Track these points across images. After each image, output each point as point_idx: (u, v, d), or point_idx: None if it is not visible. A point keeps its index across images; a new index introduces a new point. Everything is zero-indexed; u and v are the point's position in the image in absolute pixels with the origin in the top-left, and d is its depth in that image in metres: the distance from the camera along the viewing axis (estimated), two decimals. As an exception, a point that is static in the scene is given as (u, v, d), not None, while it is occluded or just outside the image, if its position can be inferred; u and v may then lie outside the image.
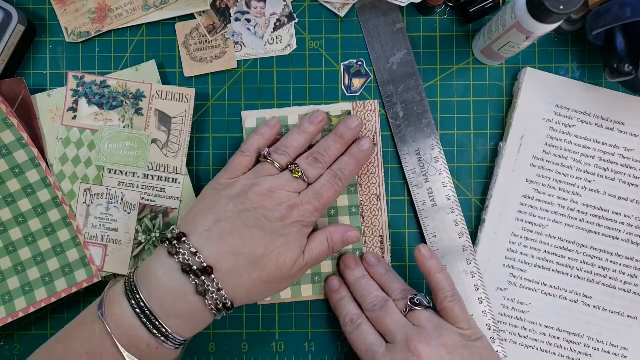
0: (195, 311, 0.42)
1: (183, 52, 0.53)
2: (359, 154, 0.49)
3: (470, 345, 0.45)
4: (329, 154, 0.48)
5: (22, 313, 0.51)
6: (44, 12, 0.53)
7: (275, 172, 0.47)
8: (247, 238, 0.43)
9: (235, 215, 0.44)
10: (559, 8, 0.40)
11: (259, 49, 0.53)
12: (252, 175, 0.47)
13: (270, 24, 0.53)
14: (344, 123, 0.50)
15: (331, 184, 0.47)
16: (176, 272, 0.42)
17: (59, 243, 0.52)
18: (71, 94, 0.52)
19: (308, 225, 0.46)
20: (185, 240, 0.43)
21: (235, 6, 0.53)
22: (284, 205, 0.45)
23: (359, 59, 0.53)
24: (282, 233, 0.44)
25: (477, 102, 0.53)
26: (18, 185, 0.51)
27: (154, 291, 0.42)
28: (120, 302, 0.42)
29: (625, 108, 0.52)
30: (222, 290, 0.42)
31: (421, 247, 0.48)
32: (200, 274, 0.42)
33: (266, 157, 0.48)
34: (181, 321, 0.42)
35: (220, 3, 0.53)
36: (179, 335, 0.42)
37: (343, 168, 0.48)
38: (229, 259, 0.43)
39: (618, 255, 0.52)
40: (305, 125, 0.50)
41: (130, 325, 0.41)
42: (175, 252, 0.42)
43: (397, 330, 0.45)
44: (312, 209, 0.46)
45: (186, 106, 0.52)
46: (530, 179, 0.52)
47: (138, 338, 0.41)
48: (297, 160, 0.48)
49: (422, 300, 0.47)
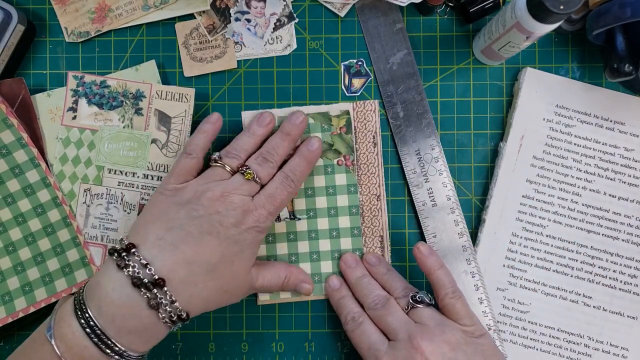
0: (149, 325, 0.40)
1: (183, 52, 0.53)
2: (308, 154, 0.49)
3: (474, 342, 0.45)
4: (277, 152, 0.48)
5: (22, 313, 0.51)
6: (43, 12, 0.53)
7: (227, 176, 0.46)
8: (202, 245, 0.42)
9: (188, 222, 0.43)
10: (559, 8, 0.40)
11: (258, 49, 0.53)
12: (202, 181, 0.46)
13: (270, 24, 0.53)
14: (289, 120, 0.50)
15: (283, 185, 0.47)
16: (126, 287, 0.40)
17: (58, 243, 0.52)
18: (71, 94, 0.52)
19: (262, 231, 0.46)
20: (135, 252, 0.41)
21: (235, 6, 0.52)
22: (238, 210, 0.44)
23: (359, 59, 0.53)
24: (237, 240, 0.44)
25: (477, 102, 0.53)
26: (18, 185, 0.51)
27: (103, 308, 0.40)
28: (69, 322, 0.40)
29: (625, 108, 0.52)
30: (175, 302, 0.40)
31: (420, 245, 0.48)
32: (152, 287, 0.40)
33: (216, 160, 0.47)
34: (134, 337, 0.40)
35: (220, 3, 0.53)
36: (133, 351, 0.40)
37: (294, 169, 0.48)
38: (184, 269, 0.41)
39: (618, 255, 0.52)
40: (254, 127, 0.49)
41: (80, 345, 0.39)
42: (124, 265, 0.40)
43: (400, 328, 0.45)
44: (266, 213, 0.45)
45: (186, 106, 0.52)
46: (531, 179, 0.52)
47: (90, 358, 0.39)
48: (246, 162, 0.47)
49: (424, 297, 0.47)
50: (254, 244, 0.45)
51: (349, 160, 0.53)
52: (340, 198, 0.52)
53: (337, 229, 0.53)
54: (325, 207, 0.53)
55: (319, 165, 0.52)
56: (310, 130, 0.52)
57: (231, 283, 0.44)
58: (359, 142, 0.53)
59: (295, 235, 0.53)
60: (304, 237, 0.53)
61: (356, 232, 0.53)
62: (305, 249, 0.53)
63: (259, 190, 0.46)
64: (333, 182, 0.53)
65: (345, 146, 0.52)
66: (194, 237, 0.42)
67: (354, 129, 0.53)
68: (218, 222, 0.43)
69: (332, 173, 0.53)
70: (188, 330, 0.53)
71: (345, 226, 0.53)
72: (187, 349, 0.53)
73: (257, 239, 0.45)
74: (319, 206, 0.53)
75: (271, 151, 0.48)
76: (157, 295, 0.40)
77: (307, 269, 0.52)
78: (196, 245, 0.42)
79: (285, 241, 0.53)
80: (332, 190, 0.53)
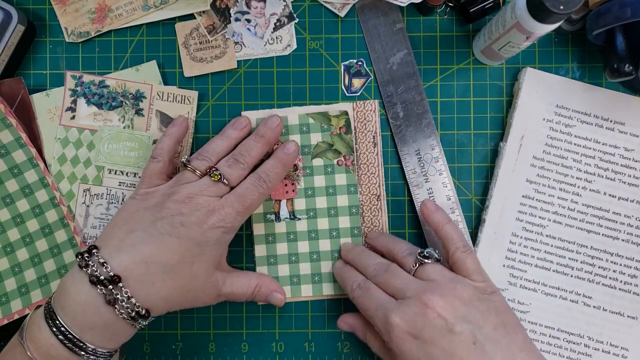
0: (109, 321, 0.41)
1: (183, 52, 0.53)
2: (284, 157, 0.48)
3: (486, 299, 0.43)
4: (250, 154, 0.47)
5: (18, 315, 0.51)
6: (44, 12, 0.53)
7: (195, 179, 0.46)
8: (161, 246, 0.43)
9: (150, 224, 0.43)
10: (559, 8, 0.40)
11: (259, 49, 0.53)
12: (171, 184, 0.46)
13: (270, 24, 0.53)
14: (264, 123, 0.49)
15: (255, 186, 0.46)
16: (85, 284, 0.41)
17: (56, 244, 0.52)
18: (69, 94, 0.52)
19: (229, 231, 0.45)
20: (95, 252, 0.42)
21: (235, 6, 0.52)
22: (202, 210, 0.44)
23: (359, 59, 0.53)
24: (199, 241, 0.44)
25: (477, 102, 0.53)
26: (16, 185, 0.51)
27: (66, 306, 0.41)
28: (39, 324, 0.41)
29: (625, 108, 0.52)
30: (132, 299, 0.41)
31: (426, 202, 0.48)
32: (108, 284, 0.41)
33: (185, 164, 0.46)
34: (96, 332, 0.41)
35: (220, 3, 0.53)
36: (99, 347, 0.41)
37: (268, 171, 0.47)
38: (140, 268, 0.42)
39: (618, 255, 0.52)
40: (228, 130, 0.49)
41: (48, 344, 0.40)
42: (85, 264, 0.41)
43: (407, 287, 0.43)
44: (234, 212, 0.45)
45: (188, 108, 0.52)
46: (531, 179, 0.52)
47: (58, 356, 0.40)
48: (218, 164, 0.47)
49: (432, 252, 0.45)
50: (218, 244, 0.45)
51: (349, 160, 0.53)
52: (340, 198, 0.52)
53: (337, 229, 0.53)
54: (325, 207, 0.53)
55: (319, 165, 0.52)
56: (310, 130, 0.52)
57: (192, 284, 0.44)
58: (359, 142, 0.53)
59: (295, 235, 0.53)
60: (304, 237, 0.53)
61: (356, 232, 0.52)
62: (305, 249, 0.53)
63: (228, 192, 0.46)
64: (333, 182, 0.53)
65: (345, 146, 0.52)
66: (154, 237, 0.43)
67: (354, 129, 0.53)
68: (180, 223, 0.43)
69: (332, 173, 0.53)
70: (188, 330, 0.53)
71: (345, 226, 0.53)
72: (187, 349, 0.53)
73: (222, 239, 0.45)
74: (319, 206, 0.53)
75: (243, 153, 0.47)
76: (112, 291, 0.41)
77: (307, 269, 0.52)
78: (155, 245, 0.43)
79: (285, 241, 0.53)
80: (332, 190, 0.53)
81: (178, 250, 0.43)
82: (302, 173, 0.53)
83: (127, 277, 0.42)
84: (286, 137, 0.52)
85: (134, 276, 0.42)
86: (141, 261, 0.42)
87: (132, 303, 0.41)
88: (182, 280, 0.43)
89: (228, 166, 0.46)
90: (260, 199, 0.47)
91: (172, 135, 0.49)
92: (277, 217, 0.53)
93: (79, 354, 0.41)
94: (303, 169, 0.53)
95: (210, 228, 0.44)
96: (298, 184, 0.53)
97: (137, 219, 0.44)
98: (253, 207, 0.46)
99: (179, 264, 0.43)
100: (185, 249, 0.43)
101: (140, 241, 0.43)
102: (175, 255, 0.43)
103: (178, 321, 0.53)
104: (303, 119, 0.52)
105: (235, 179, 0.46)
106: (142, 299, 0.42)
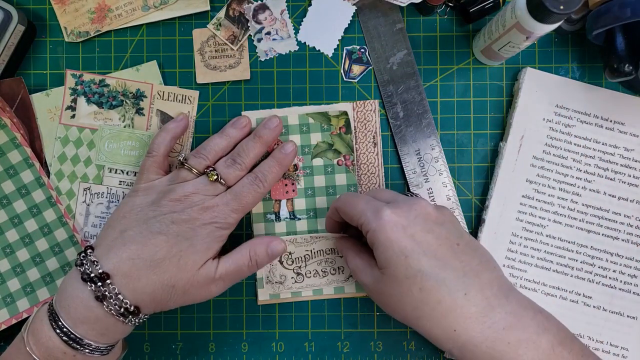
0: (99, 317, 0.42)
1: (197, 59, 0.53)
2: (281, 158, 0.49)
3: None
4: (248, 155, 0.48)
5: (26, 314, 0.51)
6: (43, 12, 0.53)
7: (192, 178, 0.46)
8: (149, 243, 0.44)
9: (142, 223, 0.44)
10: (559, 8, 0.40)
11: (294, 45, 0.53)
12: (167, 182, 0.46)
13: (287, 20, 0.53)
14: (263, 124, 0.50)
15: (252, 186, 0.46)
16: (77, 281, 0.43)
17: (56, 242, 0.52)
18: (69, 93, 0.52)
19: (223, 227, 0.45)
20: (90, 252, 0.44)
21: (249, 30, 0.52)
22: (196, 207, 0.44)
23: (361, 45, 0.53)
24: (189, 236, 0.44)
25: (477, 102, 0.53)
26: (13, 186, 0.51)
27: (62, 301, 0.43)
28: (41, 318, 0.43)
29: (625, 108, 0.52)
30: (120, 295, 0.42)
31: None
32: (97, 281, 0.42)
33: (182, 162, 0.47)
34: (88, 327, 0.42)
35: (233, 12, 0.52)
36: (92, 341, 0.43)
37: (265, 171, 0.48)
38: (127, 264, 0.43)
39: (618, 255, 0.52)
40: (228, 129, 0.49)
41: (47, 336, 0.42)
42: (80, 263, 0.43)
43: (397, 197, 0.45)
44: (228, 210, 0.45)
45: (189, 107, 0.52)
46: (530, 179, 0.52)
47: (54, 348, 0.42)
48: (216, 163, 0.47)
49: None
50: (210, 238, 0.45)
51: (348, 160, 0.53)
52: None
53: (337, 229, 0.53)
54: (325, 207, 0.52)
55: (319, 165, 0.52)
56: (310, 130, 0.52)
57: (178, 277, 0.44)
58: (358, 142, 0.53)
59: (295, 235, 0.53)
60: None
61: (356, 232, 0.53)
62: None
63: (224, 191, 0.46)
64: (333, 182, 0.52)
65: (345, 146, 0.52)
66: (143, 236, 0.44)
67: (354, 129, 0.53)
68: (171, 220, 0.44)
69: (332, 173, 0.53)
70: (188, 330, 0.53)
71: (346, 226, 0.53)
72: (187, 349, 0.53)
73: (215, 234, 0.45)
74: (319, 206, 0.53)
75: (241, 153, 0.48)
76: (100, 288, 0.42)
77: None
78: (143, 242, 0.44)
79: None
80: (332, 190, 0.53)
81: (164, 246, 0.44)
82: (302, 173, 0.53)
83: (115, 275, 0.43)
84: (286, 137, 0.52)
85: (121, 273, 0.43)
86: (127, 258, 0.43)
87: (119, 299, 0.42)
88: (167, 275, 0.44)
89: (226, 167, 0.47)
90: (256, 199, 0.47)
91: (170, 131, 0.49)
92: (277, 217, 0.53)
93: (72, 346, 0.42)
94: (303, 169, 0.53)
95: (203, 224, 0.44)
96: (298, 184, 0.53)
97: (131, 218, 0.45)
98: (249, 206, 0.47)
99: (165, 258, 0.43)
100: (173, 244, 0.44)
101: (130, 240, 0.44)
102: (161, 250, 0.44)
103: (178, 321, 0.53)
104: (303, 119, 0.53)
105: (233, 179, 0.47)
106: (129, 296, 0.43)
